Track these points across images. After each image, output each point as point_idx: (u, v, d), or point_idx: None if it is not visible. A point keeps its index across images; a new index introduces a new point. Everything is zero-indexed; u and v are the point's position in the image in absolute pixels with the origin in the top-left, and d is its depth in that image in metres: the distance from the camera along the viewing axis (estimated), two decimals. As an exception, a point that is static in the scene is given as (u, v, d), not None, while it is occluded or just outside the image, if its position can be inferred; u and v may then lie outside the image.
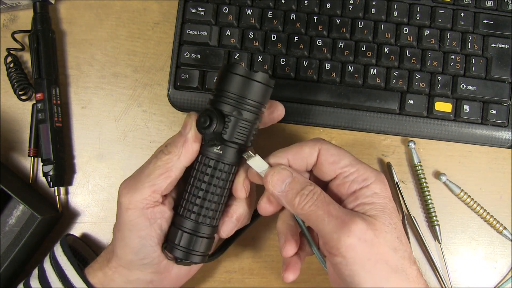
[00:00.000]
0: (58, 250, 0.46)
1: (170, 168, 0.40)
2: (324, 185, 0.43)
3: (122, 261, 0.42)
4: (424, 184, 0.53)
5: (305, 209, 0.39)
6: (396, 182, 0.53)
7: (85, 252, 0.51)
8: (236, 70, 0.40)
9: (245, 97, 0.40)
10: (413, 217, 0.52)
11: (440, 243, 0.53)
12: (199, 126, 0.40)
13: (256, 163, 0.41)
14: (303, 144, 0.42)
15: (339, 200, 0.41)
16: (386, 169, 0.54)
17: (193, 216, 0.41)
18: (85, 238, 0.54)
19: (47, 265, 0.46)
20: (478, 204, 0.53)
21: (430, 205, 0.53)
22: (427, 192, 0.53)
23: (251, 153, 0.41)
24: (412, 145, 0.53)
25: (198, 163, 0.42)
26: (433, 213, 0.53)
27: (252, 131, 0.42)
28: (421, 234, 0.52)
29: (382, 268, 0.37)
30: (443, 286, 0.52)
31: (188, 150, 0.41)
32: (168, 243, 0.42)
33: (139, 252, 0.41)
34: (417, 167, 0.53)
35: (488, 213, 0.53)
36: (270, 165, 0.41)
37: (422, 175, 0.53)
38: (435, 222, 0.52)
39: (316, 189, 0.39)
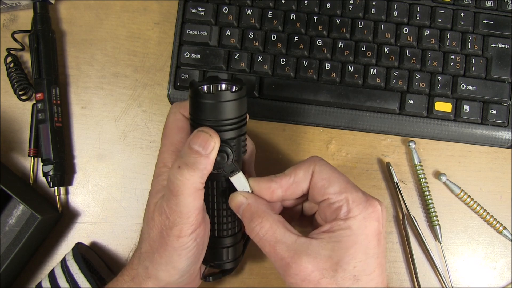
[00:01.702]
0: (73, 267, 0.46)
1: (198, 187, 0.39)
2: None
3: (163, 282, 0.41)
4: (424, 184, 0.53)
5: (255, 241, 0.39)
6: (396, 182, 0.53)
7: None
8: (219, 97, 0.39)
9: (238, 116, 0.40)
10: (413, 217, 0.52)
11: (440, 243, 0.53)
12: (217, 163, 0.40)
13: (239, 182, 0.41)
14: (297, 168, 0.41)
15: (323, 221, 0.41)
16: (386, 169, 0.54)
17: (225, 233, 0.43)
18: (85, 239, 0.54)
19: (63, 282, 0.45)
20: (478, 204, 0.53)
21: (430, 205, 0.53)
22: (427, 192, 0.53)
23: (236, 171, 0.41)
24: (412, 145, 0.53)
25: (214, 188, 0.42)
26: (433, 213, 0.53)
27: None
28: (421, 234, 0.52)
29: None
30: (444, 286, 0.52)
31: (209, 170, 0.39)
32: (210, 264, 0.44)
33: (184, 271, 0.41)
34: (417, 167, 0.53)
35: (488, 213, 0.53)
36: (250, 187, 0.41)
37: (422, 175, 0.53)
38: (435, 222, 0.52)
39: (264, 224, 0.39)
